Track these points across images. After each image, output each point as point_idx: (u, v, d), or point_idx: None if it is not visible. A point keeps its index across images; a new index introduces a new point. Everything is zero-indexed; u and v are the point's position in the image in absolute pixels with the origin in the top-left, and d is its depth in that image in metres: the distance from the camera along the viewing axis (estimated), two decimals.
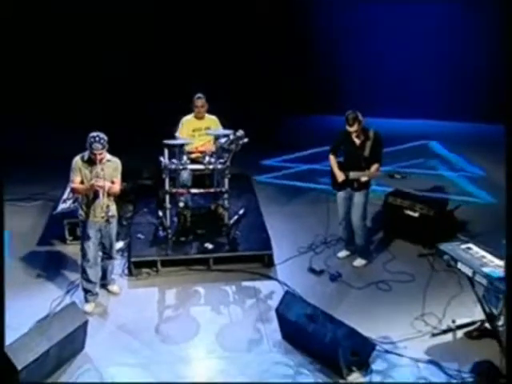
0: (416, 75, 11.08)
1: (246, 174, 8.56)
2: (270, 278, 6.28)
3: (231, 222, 6.89)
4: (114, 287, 6.12)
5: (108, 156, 5.59)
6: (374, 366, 4.92)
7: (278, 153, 9.73)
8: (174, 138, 6.99)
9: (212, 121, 7.19)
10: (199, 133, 7.10)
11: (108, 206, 5.56)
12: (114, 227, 5.82)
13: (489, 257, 5.08)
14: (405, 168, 9.06)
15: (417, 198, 6.93)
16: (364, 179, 6.07)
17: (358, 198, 6.14)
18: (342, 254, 6.59)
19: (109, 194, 5.56)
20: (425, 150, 10.00)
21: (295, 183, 8.70)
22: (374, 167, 6.10)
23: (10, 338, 4.66)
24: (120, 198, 6.35)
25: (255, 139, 6.98)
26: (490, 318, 5.04)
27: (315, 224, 7.03)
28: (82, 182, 5.55)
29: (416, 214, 6.74)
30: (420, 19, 10.98)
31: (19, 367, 4.43)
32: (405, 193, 7.08)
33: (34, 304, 5.77)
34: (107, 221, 5.61)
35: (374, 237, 7.02)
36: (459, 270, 5.04)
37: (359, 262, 6.42)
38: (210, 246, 6.58)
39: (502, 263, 4.89)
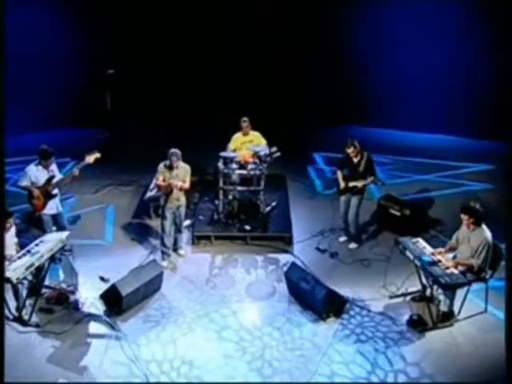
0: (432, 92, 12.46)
1: (283, 174, 10.83)
2: (287, 252, 8.58)
3: (265, 211, 9.26)
4: (181, 251, 8.58)
5: (181, 164, 8.04)
6: (345, 315, 7.20)
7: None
8: (226, 148, 9.41)
9: (255, 136, 9.55)
10: (245, 145, 9.45)
11: (179, 198, 8.12)
12: (182, 211, 8.30)
13: (428, 248, 7.33)
14: None
15: (400, 201, 9.13)
16: (360, 186, 8.30)
17: (354, 201, 8.42)
18: (342, 239, 8.89)
19: (180, 190, 8.06)
20: None
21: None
22: (371, 179, 8.32)
23: (115, 278, 7.31)
24: (191, 188, 8.66)
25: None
26: (424, 288, 7.34)
27: (327, 215, 9.06)
28: (163, 181, 8.03)
29: (398, 213, 9.02)
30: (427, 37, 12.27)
31: (123, 294, 7.06)
32: (392, 197, 9.33)
33: (129, 258, 8.25)
34: (178, 207, 8.21)
35: (368, 228, 9.22)
36: (406, 255, 7.32)
37: (353, 245, 8.74)
38: (248, 227, 8.96)
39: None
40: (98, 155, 8.07)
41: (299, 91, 13.19)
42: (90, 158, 8.02)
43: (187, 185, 8.14)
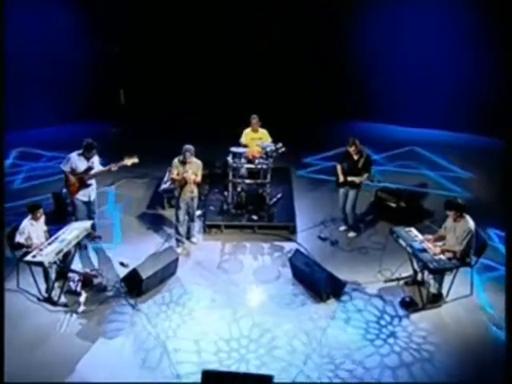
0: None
1: (288, 168, 11.46)
2: (292, 240, 9.23)
3: (271, 202, 9.92)
4: (194, 239, 9.23)
5: (194, 159, 8.68)
6: (343, 297, 7.86)
7: (317, 152, 12.50)
8: (238, 143, 10.05)
9: (263, 133, 10.17)
10: (254, 141, 10.05)
11: (192, 190, 8.78)
12: (195, 202, 8.97)
13: (420, 236, 8.01)
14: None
15: (396, 193, 9.79)
16: (357, 181, 8.98)
17: (351, 194, 9.07)
18: (342, 228, 9.55)
19: (193, 182, 8.77)
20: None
21: (322, 176, 11.44)
22: (365, 175, 8.99)
23: (134, 264, 7.97)
24: (202, 181, 9.22)
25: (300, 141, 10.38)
26: (416, 272, 8.03)
27: (328, 207, 9.81)
28: (177, 174, 8.69)
29: (394, 205, 9.70)
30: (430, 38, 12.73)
31: (143, 277, 7.73)
32: (389, 189, 10.01)
33: (146, 245, 8.90)
34: (192, 199, 8.89)
35: (366, 218, 9.88)
36: (399, 243, 8.01)
37: (352, 234, 9.41)
38: (255, 217, 9.59)
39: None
40: (136, 160, 8.80)
41: (302, 89, 13.76)
42: (129, 161, 8.80)
43: (199, 178, 8.78)
